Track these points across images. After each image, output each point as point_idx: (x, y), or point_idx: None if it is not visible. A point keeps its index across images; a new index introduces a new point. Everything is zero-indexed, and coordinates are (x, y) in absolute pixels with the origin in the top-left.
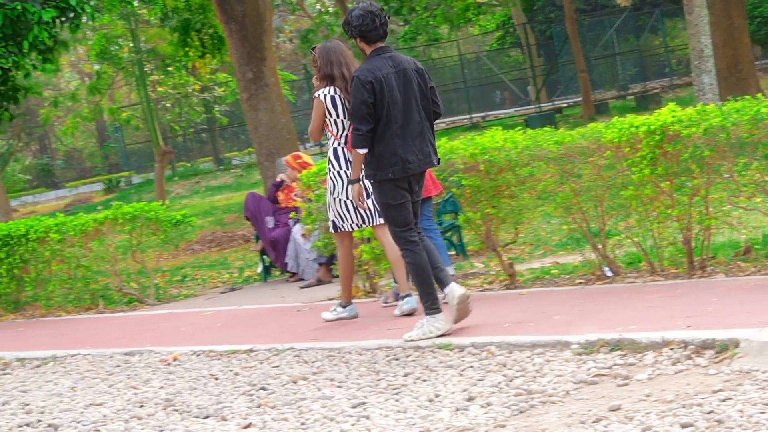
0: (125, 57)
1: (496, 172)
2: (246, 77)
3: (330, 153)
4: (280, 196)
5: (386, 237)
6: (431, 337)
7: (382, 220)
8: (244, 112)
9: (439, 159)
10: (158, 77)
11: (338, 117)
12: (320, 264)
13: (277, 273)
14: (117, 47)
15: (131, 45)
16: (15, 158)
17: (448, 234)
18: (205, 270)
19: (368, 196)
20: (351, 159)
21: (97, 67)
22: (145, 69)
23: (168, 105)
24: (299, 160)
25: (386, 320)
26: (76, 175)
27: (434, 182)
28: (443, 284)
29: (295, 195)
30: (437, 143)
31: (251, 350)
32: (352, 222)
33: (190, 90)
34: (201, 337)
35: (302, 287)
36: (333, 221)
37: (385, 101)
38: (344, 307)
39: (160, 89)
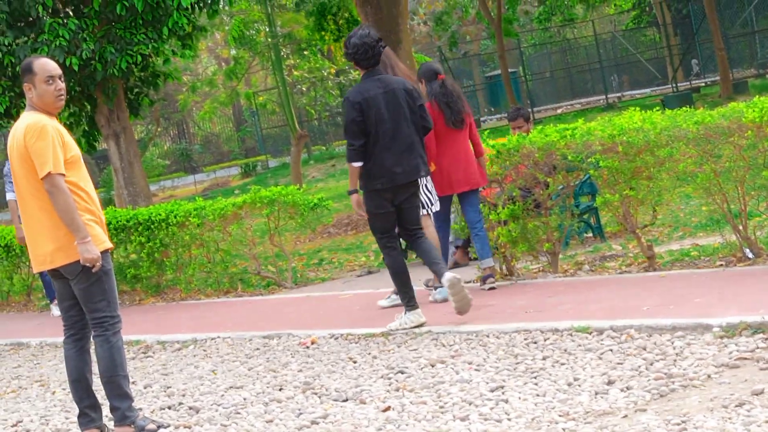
0: (262, 42)
1: (634, 153)
2: None
3: None
4: None
5: (428, 229)
6: (408, 328)
7: (424, 211)
8: None
9: (428, 170)
10: (294, 61)
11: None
12: (457, 247)
13: (414, 256)
14: (254, 32)
15: (268, 30)
16: (154, 143)
17: (586, 216)
18: (341, 253)
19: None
20: None
21: (234, 52)
22: (281, 53)
23: (303, 89)
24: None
25: (522, 304)
26: (213, 160)
27: (482, 174)
28: (440, 276)
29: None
30: (573, 124)
31: (389, 333)
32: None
33: (325, 74)
34: (339, 320)
35: None
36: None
37: (373, 119)
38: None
39: (296, 73)
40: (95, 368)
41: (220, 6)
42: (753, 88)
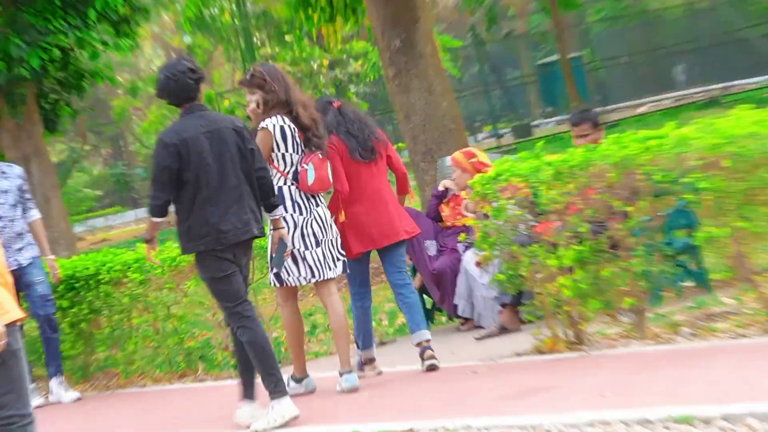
0: (227, 24)
1: (747, 169)
2: (392, 46)
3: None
4: (444, 210)
5: (331, 297)
6: (277, 426)
7: (332, 273)
8: (389, 95)
9: (261, 228)
10: (272, 50)
11: (287, 151)
12: (503, 305)
13: (443, 319)
14: (216, 11)
15: (234, 8)
16: (80, 167)
17: (682, 258)
18: (350, 315)
19: (317, 245)
20: (299, 199)
21: (188, 39)
22: (254, 40)
23: None
24: (473, 159)
25: (597, 383)
26: None
27: (410, 223)
28: (272, 392)
29: (465, 209)
30: (661, 130)
31: (411, 430)
32: (299, 275)
33: (315, 66)
34: (339, 411)
35: (479, 338)
36: (277, 274)
37: (193, 164)
38: (298, 381)
39: None
40: None
41: None
42: None
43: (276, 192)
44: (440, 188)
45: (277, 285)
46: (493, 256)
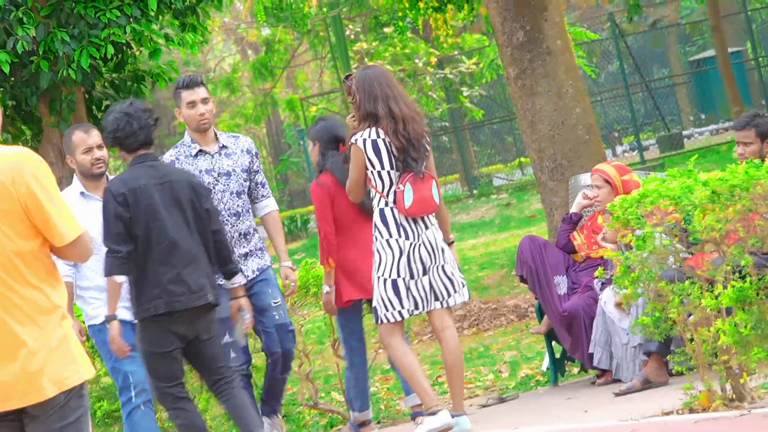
0: (312, 14)
1: None
2: (514, 40)
3: (375, 216)
4: (578, 239)
5: (445, 332)
6: None
7: (443, 303)
8: (511, 99)
9: (216, 295)
10: (369, 45)
11: (383, 168)
12: (647, 354)
13: (575, 370)
14: None
15: None
16: None
17: None
18: None
19: (425, 272)
20: (405, 223)
21: (266, 32)
22: (347, 32)
23: None
24: (625, 177)
25: None
26: None
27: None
28: None
29: (603, 239)
30: None
31: None
32: (400, 308)
33: (421, 64)
34: None
35: (619, 393)
36: (375, 308)
37: (143, 218)
38: (433, 414)
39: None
40: None
41: None
42: None
43: (378, 216)
44: (574, 211)
45: (377, 322)
46: (636, 295)
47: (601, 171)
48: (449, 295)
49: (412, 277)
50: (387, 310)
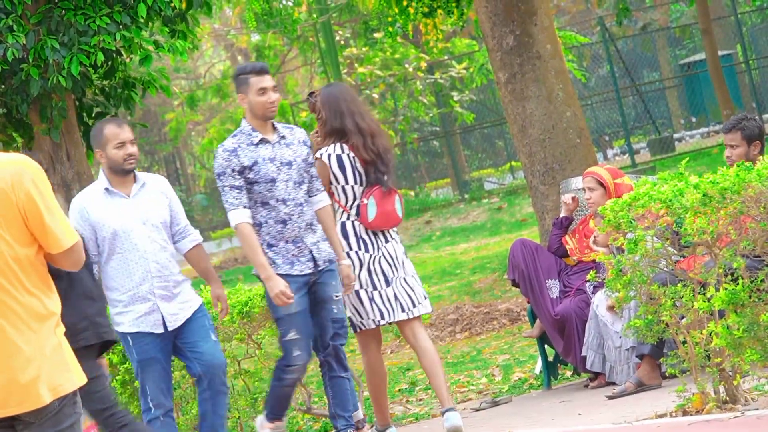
0: (302, 19)
1: None
2: (504, 45)
3: (337, 229)
4: (570, 243)
5: (417, 339)
6: None
7: (408, 314)
8: (501, 103)
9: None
10: (359, 50)
11: (347, 182)
12: (640, 357)
13: (568, 373)
14: (289, 3)
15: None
16: None
17: None
18: (446, 370)
19: (387, 284)
20: (365, 236)
21: (256, 38)
22: (337, 38)
23: (375, 96)
24: (618, 180)
25: None
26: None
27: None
28: None
29: (594, 242)
30: None
31: None
32: (367, 317)
33: (411, 69)
34: None
35: (612, 396)
36: (350, 318)
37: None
38: None
39: (361, 70)
40: None
41: None
42: None
43: (340, 229)
44: (564, 215)
45: (354, 331)
46: (629, 298)
47: (594, 173)
48: (414, 305)
49: (375, 288)
50: (360, 318)
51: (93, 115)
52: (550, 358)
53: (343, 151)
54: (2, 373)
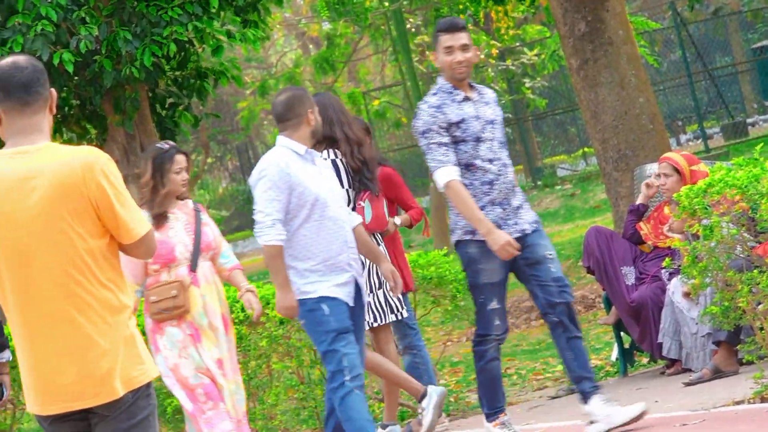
0: (373, 7)
1: None
2: (576, 31)
3: None
4: (644, 229)
5: (389, 345)
6: None
7: (397, 315)
8: (574, 89)
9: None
10: (429, 38)
11: (343, 186)
12: (717, 343)
13: (645, 360)
14: None
15: None
16: (201, 183)
17: None
18: (522, 358)
19: (379, 286)
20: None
21: (327, 26)
22: (408, 26)
23: None
24: (694, 167)
25: None
26: None
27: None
28: None
29: (670, 229)
30: None
31: None
32: (369, 320)
33: (482, 56)
34: None
35: (689, 383)
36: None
37: None
38: (384, 428)
39: (433, 58)
40: None
41: None
42: None
43: None
44: (639, 203)
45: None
46: (705, 285)
47: (671, 159)
48: (402, 307)
49: (371, 290)
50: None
51: (166, 105)
52: (626, 345)
53: (336, 156)
54: (78, 366)
